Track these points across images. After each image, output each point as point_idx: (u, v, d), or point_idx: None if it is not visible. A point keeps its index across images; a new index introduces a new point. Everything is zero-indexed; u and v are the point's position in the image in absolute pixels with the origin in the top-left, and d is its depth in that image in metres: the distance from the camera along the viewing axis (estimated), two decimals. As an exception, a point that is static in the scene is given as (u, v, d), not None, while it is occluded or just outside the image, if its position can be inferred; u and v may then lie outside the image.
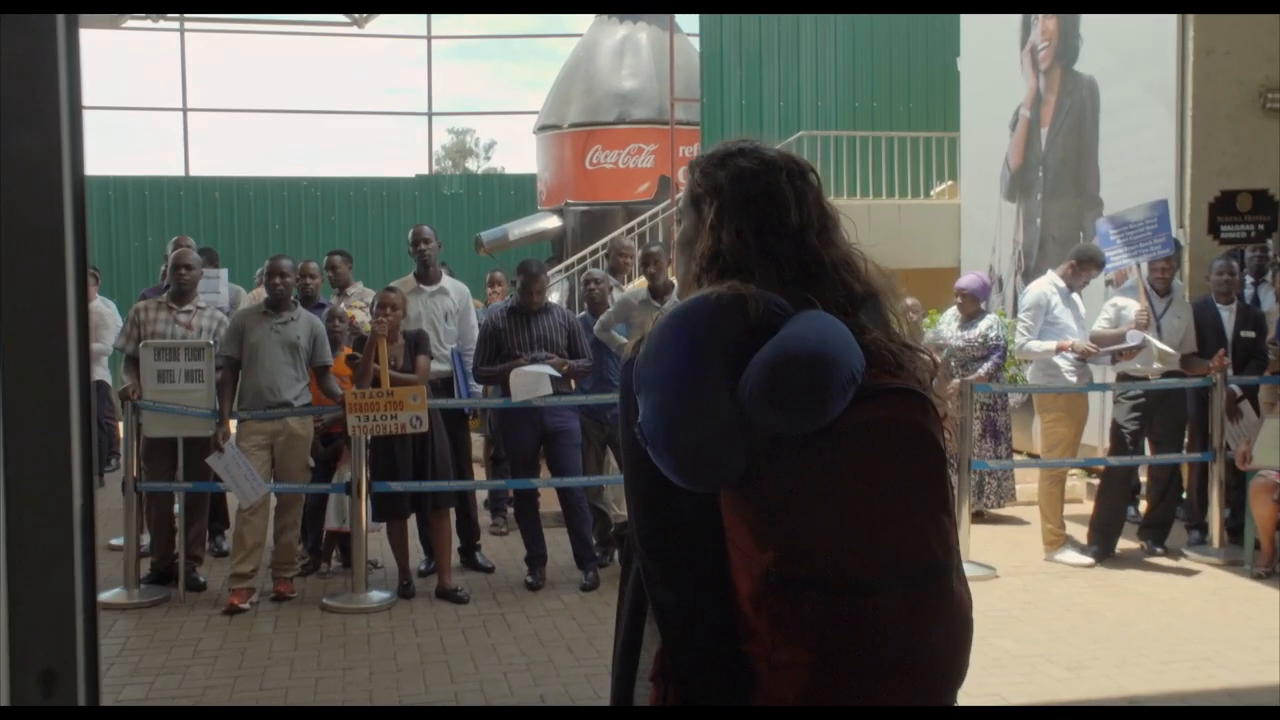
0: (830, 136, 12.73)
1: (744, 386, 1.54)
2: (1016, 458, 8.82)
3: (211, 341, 6.40)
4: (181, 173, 17.16)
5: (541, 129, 15.81)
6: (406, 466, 6.26)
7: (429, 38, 18.14)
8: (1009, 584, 6.62)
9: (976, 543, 6.99)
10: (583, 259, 13.19)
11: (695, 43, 14.70)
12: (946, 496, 1.65)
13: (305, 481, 6.47)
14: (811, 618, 1.56)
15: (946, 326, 8.37)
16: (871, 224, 12.54)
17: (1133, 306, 7.17)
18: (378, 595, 6.28)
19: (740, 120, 13.47)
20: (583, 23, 16.73)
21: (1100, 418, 8.31)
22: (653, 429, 1.57)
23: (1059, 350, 7.07)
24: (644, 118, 14.94)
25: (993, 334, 8.15)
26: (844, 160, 12.71)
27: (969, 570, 5.77)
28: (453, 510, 6.74)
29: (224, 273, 7.91)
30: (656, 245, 7.03)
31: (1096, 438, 8.54)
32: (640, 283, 7.34)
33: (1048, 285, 7.27)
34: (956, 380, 8.06)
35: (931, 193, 13.32)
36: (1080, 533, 7.43)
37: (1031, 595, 6.38)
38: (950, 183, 13.35)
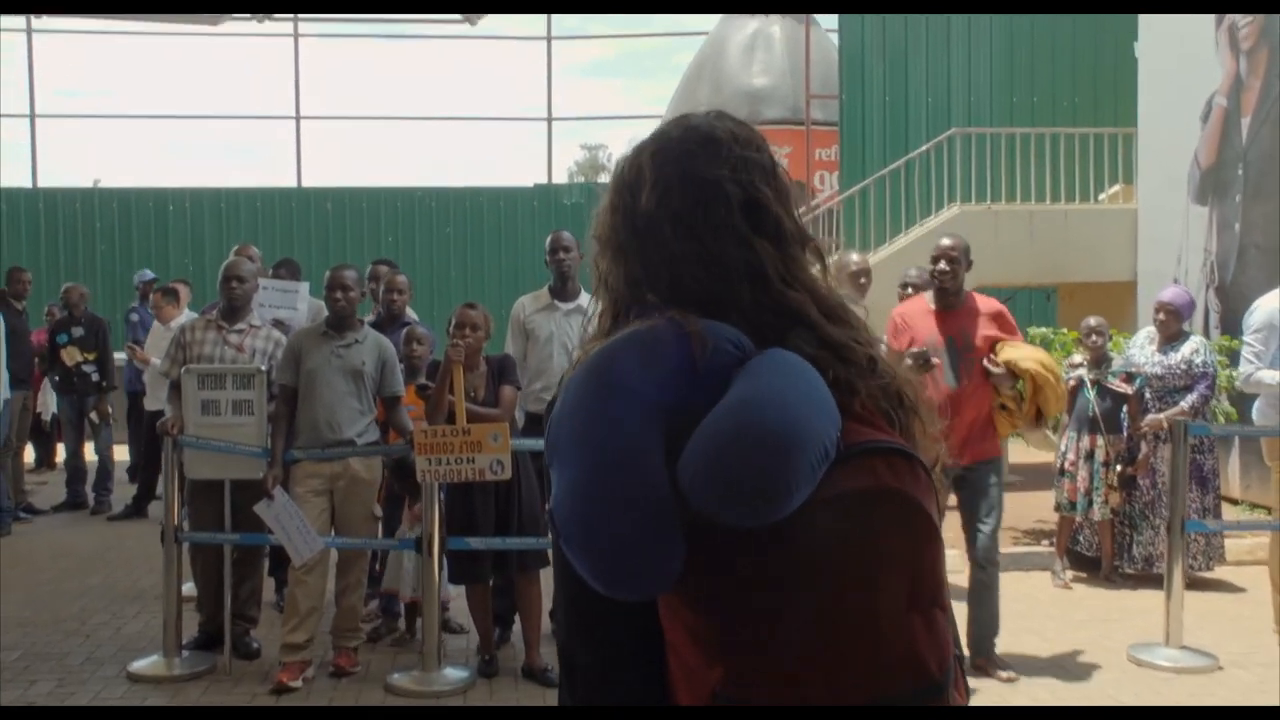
0: (986, 135, 11.36)
1: (684, 472, 1.14)
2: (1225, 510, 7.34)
3: (263, 367, 5.47)
4: (294, 184, 16.63)
5: (665, 133, 14.78)
6: (488, 520, 5.21)
7: (549, 38, 17.29)
8: (1238, 680, 5.24)
9: (1189, 618, 5.62)
10: (708, 272, 12.07)
11: (833, 37, 13.49)
12: (940, 587, 1.22)
13: (370, 533, 5.48)
14: None
15: (1140, 350, 7.00)
16: (1034, 232, 11.18)
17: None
18: (453, 674, 5.23)
19: (884, 118, 12.23)
20: (709, 21, 15.70)
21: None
22: (565, 516, 1.18)
23: None
24: (777, 118, 13.79)
25: (1199, 359, 6.77)
26: (1001, 161, 11.34)
27: (1183, 659, 4.32)
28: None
29: (304, 286, 6.98)
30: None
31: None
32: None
33: None
34: (1158, 416, 6.69)
35: (1100, 197, 11.83)
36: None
37: (1274, 696, 5.00)
38: (1122, 185, 11.84)
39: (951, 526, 5.26)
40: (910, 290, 6.47)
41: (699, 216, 1.31)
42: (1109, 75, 11.85)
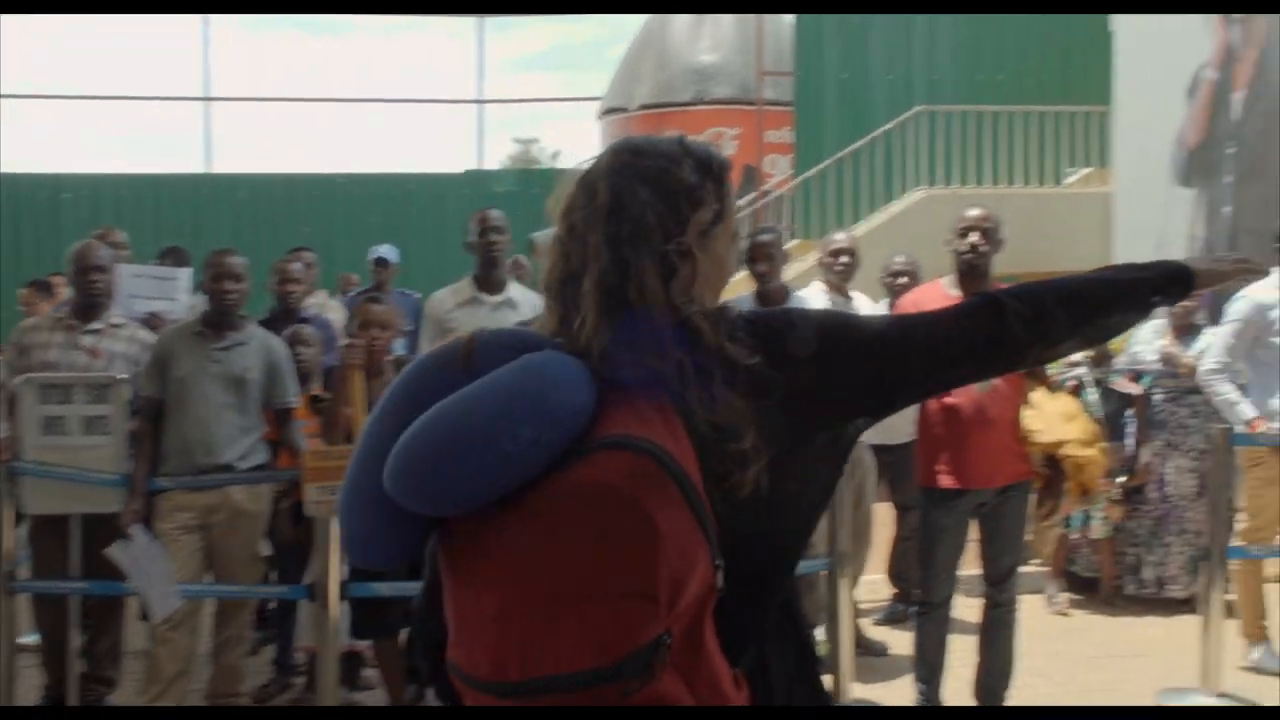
0: (954, 113, 10.59)
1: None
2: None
3: (124, 375, 4.46)
4: (203, 169, 15.45)
5: (606, 113, 13.85)
6: (398, 560, 4.27)
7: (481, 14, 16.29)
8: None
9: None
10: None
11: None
12: (648, 577, 1.28)
13: (255, 578, 4.50)
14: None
15: (1147, 346, 6.18)
16: (1004, 217, 10.37)
17: None
18: (358, 746, 4.30)
19: (840, 97, 11.42)
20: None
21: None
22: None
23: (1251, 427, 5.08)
24: (726, 97, 12.93)
25: (1216, 356, 5.98)
26: (970, 142, 10.56)
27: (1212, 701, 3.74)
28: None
29: (185, 273, 5.94)
30: (770, 233, 4.95)
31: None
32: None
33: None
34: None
35: (1067, 180, 11.12)
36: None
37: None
38: (1089, 169, 11.14)
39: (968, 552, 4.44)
40: (904, 280, 5.61)
41: (574, 215, 1.48)
42: (1078, 49, 11.13)
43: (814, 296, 5.52)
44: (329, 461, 3.98)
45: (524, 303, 5.06)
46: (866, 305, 5.62)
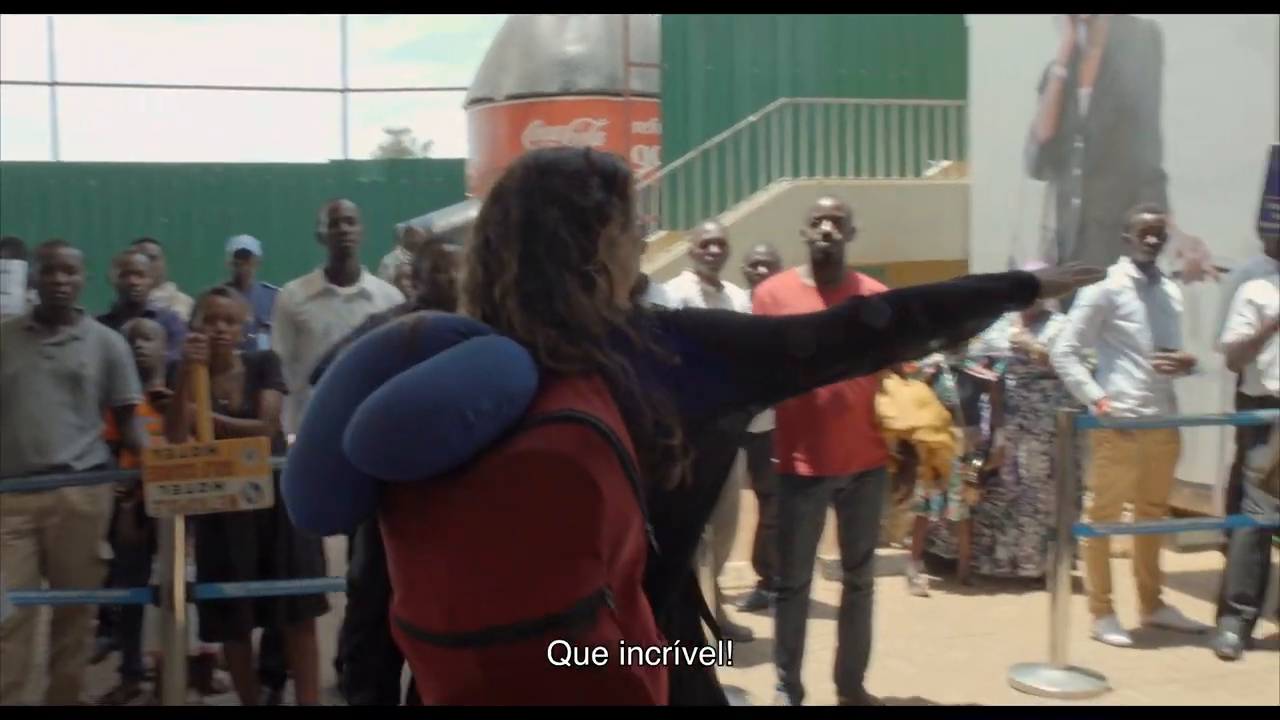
0: (817, 106, 10.72)
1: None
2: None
3: (-53, 373, 4.22)
4: (50, 157, 14.82)
5: (473, 103, 13.68)
6: (247, 560, 4.12)
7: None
8: (1134, 702, 4.61)
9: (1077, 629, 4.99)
10: (522, 254, 11.09)
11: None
12: (592, 538, 1.42)
13: (95, 582, 4.30)
14: (433, 673, 1.45)
15: (999, 333, 6.34)
16: (866, 208, 10.58)
17: (1275, 301, 5.19)
18: (207, 754, 4.15)
19: (706, 89, 11.47)
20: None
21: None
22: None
23: (1099, 407, 5.38)
24: (593, 88, 12.87)
25: (1065, 341, 6.18)
26: (832, 134, 10.71)
27: (1069, 682, 3.87)
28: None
29: (19, 266, 5.65)
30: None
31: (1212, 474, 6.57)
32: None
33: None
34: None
35: (926, 172, 11.38)
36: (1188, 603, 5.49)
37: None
38: (948, 162, 11.41)
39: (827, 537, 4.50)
40: (764, 270, 5.65)
41: (489, 229, 1.60)
42: (935, 45, 11.38)
43: (684, 286, 5.53)
44: (172, 460, 3.82)
45: (378, 294, 4.96)
46: (738, 295, 5.65)
